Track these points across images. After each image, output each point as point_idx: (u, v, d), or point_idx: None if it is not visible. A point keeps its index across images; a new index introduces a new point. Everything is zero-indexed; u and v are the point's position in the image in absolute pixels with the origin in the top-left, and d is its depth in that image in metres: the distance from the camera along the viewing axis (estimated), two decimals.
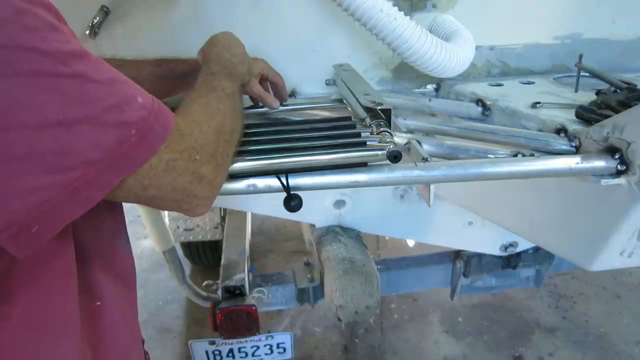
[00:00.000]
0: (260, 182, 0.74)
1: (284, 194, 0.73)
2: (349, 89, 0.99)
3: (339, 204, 1.52)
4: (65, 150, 0.47)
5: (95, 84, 0.49)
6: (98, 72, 0.50)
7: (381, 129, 0.79)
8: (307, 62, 1.20)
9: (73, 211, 0.50)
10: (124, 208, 0.76)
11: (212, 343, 1.59)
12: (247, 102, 1.06)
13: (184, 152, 0.58)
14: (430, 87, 1.31)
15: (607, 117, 0.85)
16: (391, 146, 0.73)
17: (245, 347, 1.61)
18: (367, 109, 0.86)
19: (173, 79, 0.94)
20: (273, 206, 1.38)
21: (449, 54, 1.03)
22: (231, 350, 1.61)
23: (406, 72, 1.26)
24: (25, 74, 0.44)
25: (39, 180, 0.46)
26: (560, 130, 0.92)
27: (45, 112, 0.45)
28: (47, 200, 0.47)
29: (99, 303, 0.67)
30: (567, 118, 0.94)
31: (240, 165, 0.72)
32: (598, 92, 0.99)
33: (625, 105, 0.88)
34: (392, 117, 0.85)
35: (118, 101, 0.50)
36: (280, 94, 1.04)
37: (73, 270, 0.61)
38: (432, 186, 0.82)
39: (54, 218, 0.49)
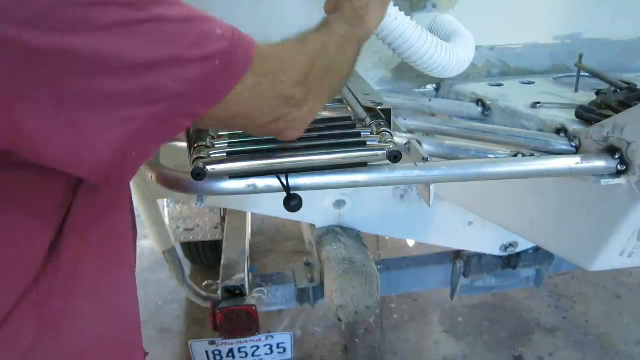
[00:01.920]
0: (260, 182, 0.74)
1: (284, 194, 0.73)
2: (349, 89, 0.99)
3: (339, 204, 1.52)
4: (152, 87, 0.50)
5: (173, 24, 0.50)
6: (174, 12, 0.51)
7: (381, 129, 0.79)
8: None
9: (162, 138, 0.55)
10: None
11: (212, 343, 1.59)
12: None
13: (269, 75, 0.58)
14: (430, 87, 1.31)
15: (607, 117, 0.85)
16: (391, 146, 0.73)
17: (245, 347, 1.61)
18: (367, 109, 0.86)
19: None
20: (273, 206, 1.38)
21: (449, 54, 1.04)
22: (231, 350, 1.61)
23: (406, 72, 1.26)
24: (108, 26, 0.46)
25: (130, 112, 0.50)
26: (560, 130, 0.92)
27: (130, 59, 0.48)
28: (139, 128, 0.51)
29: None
30: (567, 118, 0.94)
31: (240, 165, 0.72)
32: (598, 92, 0.99)
33: (625, 105, 0.89)
34: (392, 117, 0.85)
35: (197, 37, 0.52)
36: None
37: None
38: (432, 186, 0.82)
39: (146, 144, 0.54)
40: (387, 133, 0.78)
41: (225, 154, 0.74)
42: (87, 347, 0.65)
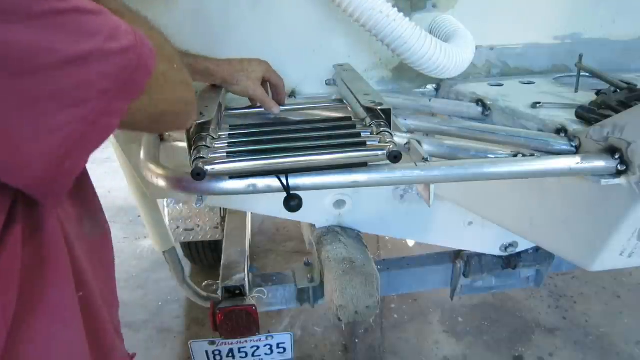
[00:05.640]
0: (260, 182, 0.74)
1: (284, 194, 0.73)
2: (349, 89, 0.99)
3: (339, 204, 1.52)
4: (81, 84, 0.48)
5: (90, 16, 0.49)
6: (86, 3, 0.50)
7: (381, 129, 0.79)
8: (307, 62, 1.20)
9: (95, 141, 0.52)
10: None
11: (212, 343, 1.59)
12: (247, 102, 1.07)
13: (169, 62, 0.61)
14: (430, 87, 1.31)
15: (607, 117, 0.85)
16: (391, 146, 0.73)
17: (245, 347, 1.61)
18: (367, 109, 0.86)
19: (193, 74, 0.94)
20: (273, 206, 1.38)
21: (448, 55, 1.03)
22: (231, 350, 1.61)
23: (406, 72, 1.26)
24: (32, 16, 0.43)
25: (63, 116, 0.48)
26: (560, 130, 0.92)
27: (58, 52, 0.45)
28: (71, 133, 0.49)
29: (80, 294, 0.66)
30: (567, 118, 0.94)
31: (240, 165, 0.72)
32: (598, 92, 0.99)
33: (625, 105, 0.89)
34: (392, 117, 0.85)
35: (112, 30, 0.51)
36: (279, 97, 1.04)
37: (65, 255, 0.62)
38: (432, 186, 0.82)
39: (80, 150, 0.51)
40: (387, 133, 0.78)
41: (225, 154, 0.74)
42: None
